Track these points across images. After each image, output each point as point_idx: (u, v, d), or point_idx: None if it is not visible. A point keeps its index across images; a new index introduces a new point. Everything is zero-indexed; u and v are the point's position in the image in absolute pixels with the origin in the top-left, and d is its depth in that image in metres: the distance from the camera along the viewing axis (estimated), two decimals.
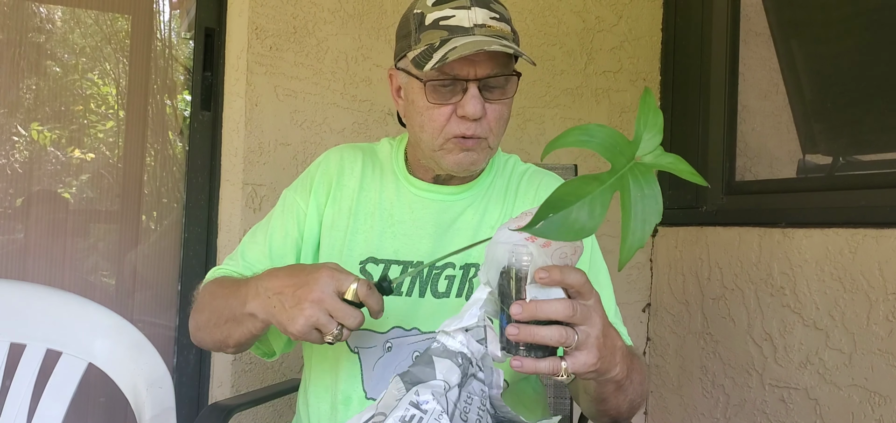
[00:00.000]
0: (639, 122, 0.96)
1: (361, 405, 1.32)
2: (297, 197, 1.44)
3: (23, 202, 2.24)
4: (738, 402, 2.30)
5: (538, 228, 0.90)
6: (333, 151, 1.48)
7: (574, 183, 0.92)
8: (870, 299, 1.90)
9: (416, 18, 1.29)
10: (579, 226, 0.91)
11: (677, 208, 2.65)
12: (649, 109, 0.97)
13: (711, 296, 2.42)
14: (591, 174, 0.93)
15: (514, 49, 1.24)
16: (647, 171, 0.94)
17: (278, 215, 1.45)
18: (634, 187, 0.92)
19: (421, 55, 1.26)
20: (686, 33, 2.66)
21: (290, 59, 2.28)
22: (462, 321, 1.07)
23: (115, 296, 2.33)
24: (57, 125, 2.28)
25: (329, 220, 1.41)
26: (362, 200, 1.41)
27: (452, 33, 1.25)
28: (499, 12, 1.29)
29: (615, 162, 0.94)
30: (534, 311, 0.98)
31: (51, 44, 2.29)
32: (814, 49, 2.40)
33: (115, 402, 2.26)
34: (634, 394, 1.21)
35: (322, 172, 1.45)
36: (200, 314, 1.36)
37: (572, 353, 1.01)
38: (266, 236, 1.43)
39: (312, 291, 1.11)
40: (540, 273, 0.98)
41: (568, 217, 0.90)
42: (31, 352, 1.62)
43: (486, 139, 1.30)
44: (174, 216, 2.37)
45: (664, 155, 0.95)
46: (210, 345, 1.36)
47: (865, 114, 2.20)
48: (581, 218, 0.91)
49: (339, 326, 1.12)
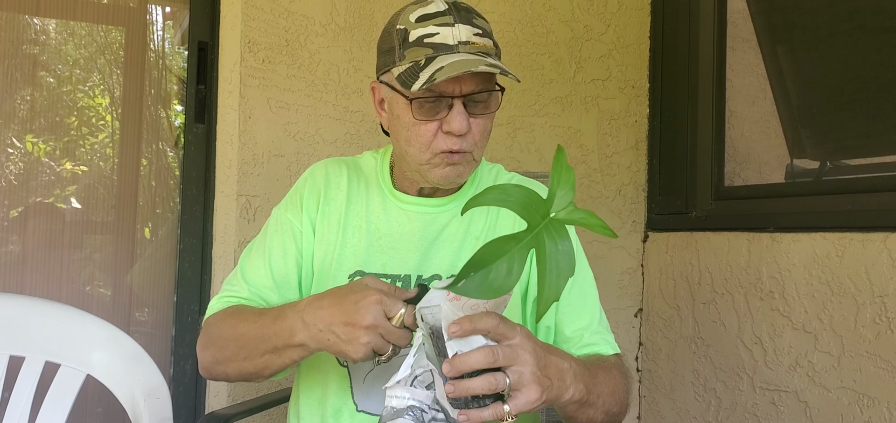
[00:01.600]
0: (552, 180, 1.01)
1: (352, 417, 1.34)
2: (289, 216, 1.44)
3: (19, 215, 2.25)
4: (729, 405, 2.32)
5: (460, 287, 0.96)
6: (318, 166, 1.49)
7: (494, 243, 0.98)
8: (857, 303, 1.93)
9: (399, 34, 1.30)
10: (498, 284, 0.97)
11: (667, 214, 2.67)
12: (561, 166, 1.01)
13: (702, 301, 2.44)
14: (510, 234, 0.99)
15: (501, 69, 1.24)
16: (561, 227, 0.99)
17: (274, 236, 1.44)
18: (549, 244, 0.98)
19: (406, 73, 1.26)
20: (674, 41, 2.69)
21: (282, 72, 2.30)
22: (398, 376, 1.09)
23: (111, 307, 2.35)
24: (51, 137, 2.29)
25: (319, 233, 1.42)
26: (350, 213, 1.42)
27: (437, 51, 1.25)
28: (481, 28, 1.30)
29: (531, 220, 0.99)
30: (459, 366, 1.02)
31: (46, 56, 2.31)
32: (800, 55, 2.43)
33: (112, 413, 2.27)
34: (608, 405, 1.23)
35: (310, 187, 1.45)
36: (220, 349, 1.34)
37: (512, 394, 1.04)
38: (265, 258, 1.42)
39: (365, 318, 1.12)
40: (452, 328, 1.02)
41: (487, 276, 0.97)
42: (30, 364, 1.63)
43: (471, 153, 1.32)
44: (169, 227, 2.39)
45: (577, 211, 1.00)
46: (236, 377, 1.35)
47: (851, 119, 2.23)
48: (499, 276, 0.97)
49: (393, 346, 1.15)
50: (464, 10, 1.30)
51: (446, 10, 1.28)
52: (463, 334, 1.02)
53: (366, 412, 1.34)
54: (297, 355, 1.23)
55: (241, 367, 1.31)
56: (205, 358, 1.37)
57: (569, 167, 1.01)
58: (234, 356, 1.31)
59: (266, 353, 1.26)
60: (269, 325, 1.25)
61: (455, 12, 1.28)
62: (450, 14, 1.28)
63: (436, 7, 1.29)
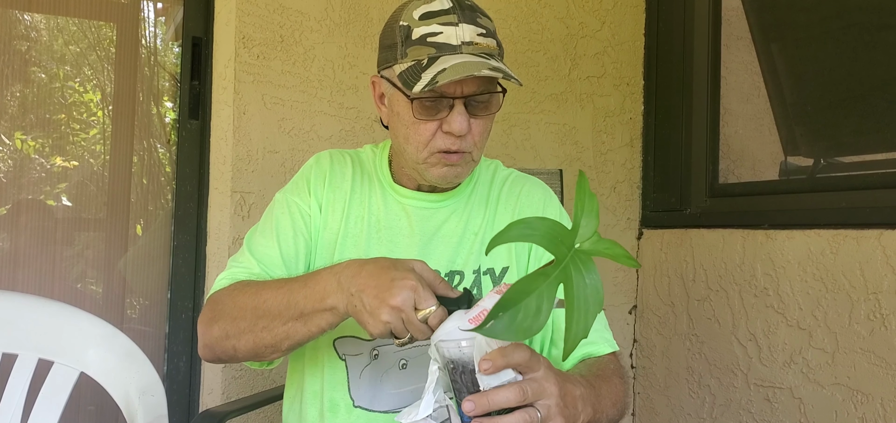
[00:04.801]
0: (576, 209, 0.97)
1: (349, 412, 1.34)
2: (296, 199, 1.41)
3: (10, 211, 2.24)
4: (723, 402, 2.33)
5: (488, 328, 0.92)
6: (323, 154, 1.48)
7: (523, 281, 0.94)
8: (851, 299, 1.93)
9: (402, 31, 1.28)
10: (527, 325, 0.92)
11: (662, 211, 2.68)
12: (585, 194, 0.97)
13: (696, 297, 2.45)
14: (539, 270, 0.95)
15: (504, 72, 1.23)
16: (587, 258, 0.95)
17: (282, 216, 1.41)
18: (577, 277, 0.94)
19: (408, 72, 1.25)
20: (668, 38, 2.70)
21: (277, 68, 2.29)
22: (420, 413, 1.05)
23: (103, 304, 2.33)
24: (41, 133, 2.28)
25: (325, 217, 1.41)
26: (353, 204, 1.42)
27: (440, 51, 1.24)
28: (486, 27, 1.28)
29: (557, 253, 0.95)
30: (486, 405, 0.99)
31: (36, 51, 2.30)
32: (794, 52, 2.43)
33: (105, 410, 2.26)
34: (610, 415, 1.23)
35: (316, 174, 1.44)
36: (233, 321, 1.26)
37: None
38: (274, 237, 1.39)
39: (394, 297, 1.09)
40: (483, 365, 0.99)
41: (516, 317, 0.92)
42: (23, 362, 1.62)
43: (470, 153, 1.31)
44: (162, 224, 2.37)
45: (601, 241, 0.97)
46: (245, 353, 1.27)
47: (845, 117, 2.23)
48: (528, 316, 0.92)
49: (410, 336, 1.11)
50: (468, 8, 1.28)
51: (450, 8, 1.27)
52: (494, 371, 0.99)
53: (362, 407, 1.34)
54: (325, 322, 1.18)
55: (256, 339, 1.24)
56: (211, 334, 1.29)
57: (592, 195, 0.98)
58: (252, 326, 1.24)
59: (290, 320, 1.20)
60: (298, 289, 1.21)
61: (459, 11, 1.27)
62: (454, 12, 1.26)
63: (440, 4, 1.27)
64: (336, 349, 1.35)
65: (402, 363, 1.35)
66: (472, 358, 1.00)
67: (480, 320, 0.98)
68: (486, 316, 0.92)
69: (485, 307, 1.01)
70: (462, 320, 1.02)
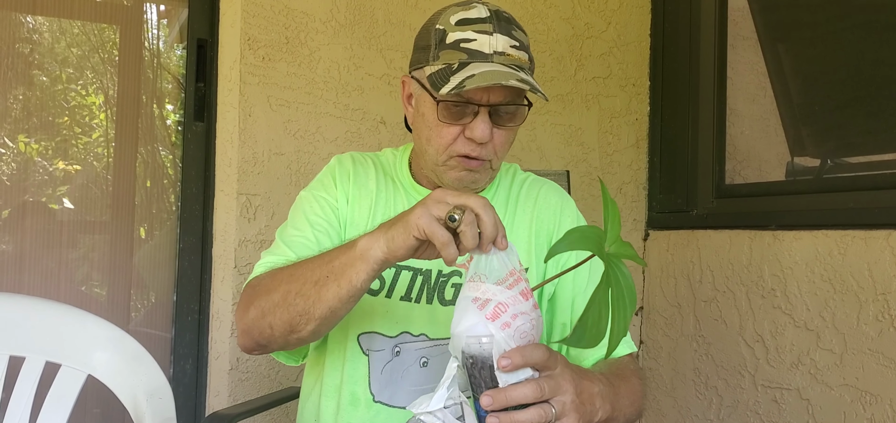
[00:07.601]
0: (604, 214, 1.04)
1: (368, 406, 1.34)
2: (323, 193, 1.42)
3: (15, 214, 2.23)
4: (731, 403, 2.32)
5: (568, 339, 0.99)
6: (344, 156, 1.49)
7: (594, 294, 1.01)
8: (859, 300, 1.93)
9: (437, 34, 1.30)
10: (596, 331, 1.00)
11: (668, 212, 2.67)
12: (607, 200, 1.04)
13: (703, 298, 2.44)
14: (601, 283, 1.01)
15: (531, 85, 1.24)
16: (618, 260, 1.02)
17: (313, 208, 1.40)
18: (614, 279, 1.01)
19: (437, 74, 1.27)
20: (674, 38, 2.69)
21: (282, 70, 2.29)
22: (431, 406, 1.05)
23: (109, 307, 2.33)
24: (44, 136, 2.28)
25: (351, 212, 1.41)
26: (379, 203, 1.42)
27: (472, 57, 1.26)
28: (519, 40, 1.29)
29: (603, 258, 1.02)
30: (504, 401, 1.00)
31: (39, 54, 2.29)
32: (800, 53, 2.43)
33: (110, 413, 2.26)
34: (628, 414, 1.23)
35: (340, 171, 1.44)
36: (268, 295, 1.25)
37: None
38: (308, 227, 1.38)
39: (413, 212, 1.07)
40: (502, 362, 1.00)
41: (585, 326, 0.99)
42: (31, 365, 1.61)
43: (489, 162, 1.33)
44: (167, 227, 2.37)
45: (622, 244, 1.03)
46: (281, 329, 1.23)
47: (852, 117, 2.23)
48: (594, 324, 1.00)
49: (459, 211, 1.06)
50: (505, 20, 1.30)
51: (488, 18, 1.28)
52: (514, 369, 1.01)
53: (382, 402, 1.35)
54: (358, 275, 1.14)
55: (290, 308, 1.20)
56: (248, 317, 1.27)
57: (612, 200, 1.03)
58: (284, 297, 1.21)
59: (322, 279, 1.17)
60: (330, 251, 1.20)
61: (496, 21, 1.28)
62: (490, 22, 1.28)
63: (478, 13, 1.29)
64: (360, 344, 1.36)
65: (423, 361, 1.35)
66: (491, 355, 1.01)
67: (497, 316, 1.01)
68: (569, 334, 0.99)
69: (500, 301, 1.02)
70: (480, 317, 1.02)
